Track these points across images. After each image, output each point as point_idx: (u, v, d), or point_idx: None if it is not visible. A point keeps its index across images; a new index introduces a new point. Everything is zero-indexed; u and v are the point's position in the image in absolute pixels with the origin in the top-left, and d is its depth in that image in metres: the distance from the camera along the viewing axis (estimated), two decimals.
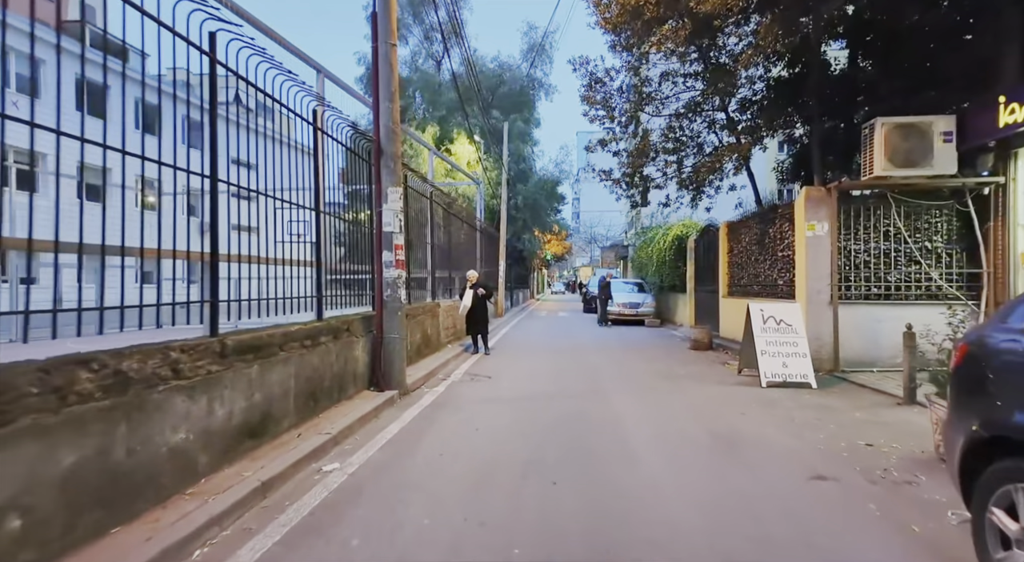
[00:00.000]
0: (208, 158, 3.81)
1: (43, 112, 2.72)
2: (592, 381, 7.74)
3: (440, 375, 8.07)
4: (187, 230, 3.82)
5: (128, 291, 3.17)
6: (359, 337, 6.19)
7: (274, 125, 4.93)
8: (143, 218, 3.45)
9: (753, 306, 8.00)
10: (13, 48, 2.81)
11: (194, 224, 3.85)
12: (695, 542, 2.94)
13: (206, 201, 3.82)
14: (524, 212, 25.06)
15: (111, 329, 3.25)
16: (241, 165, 4.30)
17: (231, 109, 4.28)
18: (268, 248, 4.84)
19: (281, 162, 5.02)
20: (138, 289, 3.44)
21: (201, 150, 3.79)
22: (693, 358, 10.23)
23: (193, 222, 3.84)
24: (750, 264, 11.19)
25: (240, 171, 4.30)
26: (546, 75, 26.00)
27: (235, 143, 4.25)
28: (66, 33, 3.18)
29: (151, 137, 3.52)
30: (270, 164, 4.84)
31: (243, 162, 4.34)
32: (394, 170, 6.59)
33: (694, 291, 15.94)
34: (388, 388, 6.39)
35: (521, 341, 13.08)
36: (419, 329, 8.82)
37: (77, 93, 4.21)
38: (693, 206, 13.63)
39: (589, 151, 12.95)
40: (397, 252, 6.56)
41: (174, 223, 3.55)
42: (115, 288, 3.20)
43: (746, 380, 7.83)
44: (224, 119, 4.06)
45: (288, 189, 5.07)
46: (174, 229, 3.54)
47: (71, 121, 2.84)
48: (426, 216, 10.23)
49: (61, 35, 2.86)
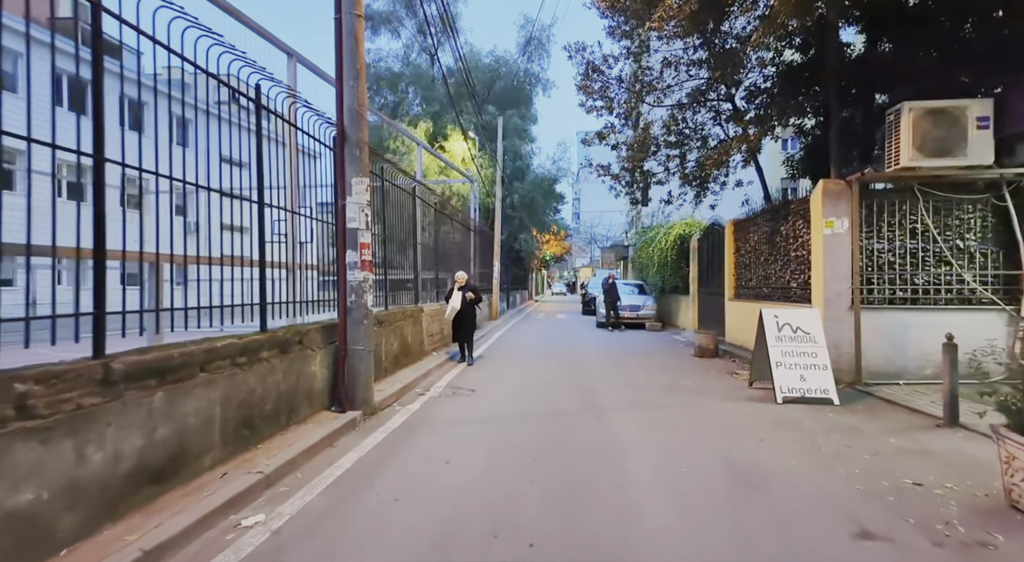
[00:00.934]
0: (92, 128, 2.99)
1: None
2: (587, 395, 6.92)
3: (418, 389, 7.26)
4: (77, 221, 3.04)
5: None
6: (317, 350, 5.38)
7: (208, 102, 4.12)
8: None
9: (766, 312, 7.18)
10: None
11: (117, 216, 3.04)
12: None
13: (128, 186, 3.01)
14: (521, 211, 24.22)
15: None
16: (168, 144, 3.49)
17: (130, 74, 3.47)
18: (205, 245, 4.05)
19: (220, 145, 4.22)
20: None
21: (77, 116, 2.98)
22: (699, 367, 9.42)
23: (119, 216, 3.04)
24: (759, 265, 10.38)
25: (164, 151, 3.49)
26: (543, 70, 25.26)
27: (146, 119, 3.44)
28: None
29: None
30: (197, 145, 4.03)
31: (174, 144, 3.54)
32: (359, 158, 5.77)
33: (697, 293, 15.13)
34: (352, 408, 5.58)
35: (514, 346, 12.27)
36: (397, 336, 8.01)
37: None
38: (696, 203, 12.81)
39: (586, 144, 12.14)
40: (363, 252, 5.75)
41: (53, 211, 2.76)
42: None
43: (759, 394, 7.02)
44: (118, 77, 3.25)
45: (264, 187, 4.26)
46: (54, 219, 2.75)
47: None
48: (410, 213, 9.43)
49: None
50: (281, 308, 5.39)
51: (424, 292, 10.48)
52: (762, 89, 10.59)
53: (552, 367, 9.24)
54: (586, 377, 8.26)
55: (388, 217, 8.14)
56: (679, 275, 16.40)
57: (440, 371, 8.61)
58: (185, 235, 3.90)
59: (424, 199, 10.76)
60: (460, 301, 8.94)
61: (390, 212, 8.36)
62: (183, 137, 4.25)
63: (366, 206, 5.79)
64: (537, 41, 24.25)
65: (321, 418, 5.23)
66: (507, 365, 9.45)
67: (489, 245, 19.67)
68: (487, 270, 19.27)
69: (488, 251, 19.66)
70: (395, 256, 9.02)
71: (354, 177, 5.73)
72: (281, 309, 5.37)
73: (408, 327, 8.59)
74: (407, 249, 9.52)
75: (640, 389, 7.39)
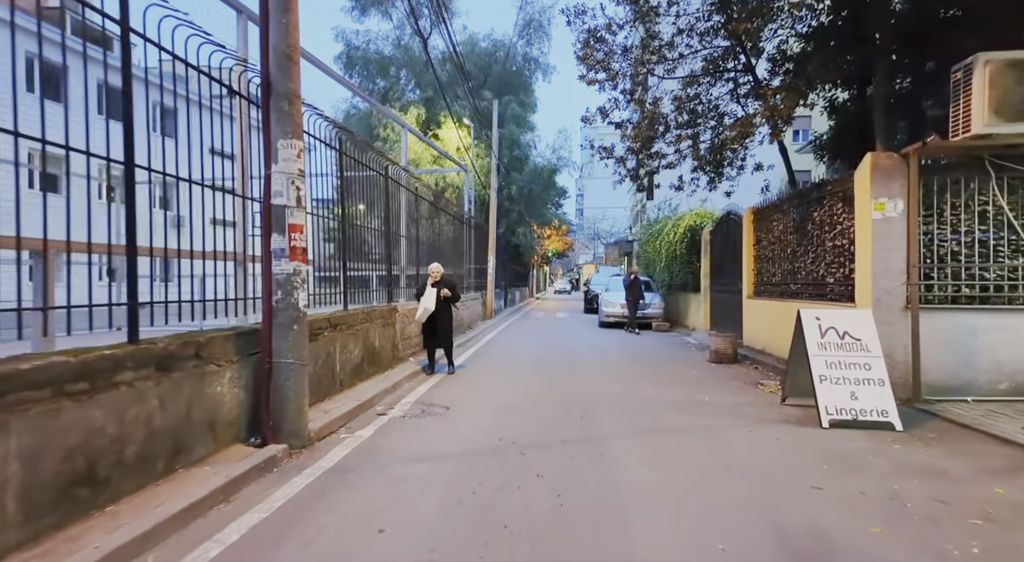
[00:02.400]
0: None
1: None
2: (585, 417, 5.61)
3: (379, 407, 5.96)
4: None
5: None
6: (226, 364, 4.08)
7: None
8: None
9: (806, 314, 5.84)
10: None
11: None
12: None
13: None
14: (519, 203, 22.85)
15: None
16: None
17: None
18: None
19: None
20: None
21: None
22: (716, 376, 8.09)
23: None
24: (784, 258, 9.04)
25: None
26: (543, 54, 23.82)
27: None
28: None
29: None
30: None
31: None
32: (290, 114, 4.47)
33: (709, 290, 13.80)
34: (277, 440, 4.29)
35: (506, 351, 10.96)
36: (359, 342, 6.71)
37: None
38: (711, 188, 11.46)
39: (587, 123, 10.80)
40: (294, 236, 4.45)
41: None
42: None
43: (797, 415, 5.70)
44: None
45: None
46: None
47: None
48: (382, 197, 8.12)
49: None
50: (225, 306, 4.11)
51: (409, 289, 9.19)
52: (789, 56, 9.20)
53: (546, 377, 7.92)
54: (585, 391, 6.94)
55: (353, 200, 6.85)
56: (689, 271, 15.06)
57: (412, 383, 7.31)
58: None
59: (401, 182, 9.47)
60: (434, 299, 7.62)
61: (357, 193, 7.06)
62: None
63: (297, 177, 4.49)
64: (536, 23, 22.87)
65: (228, 456, 3.94)
66: (494, 375, 8.13)
67: (485, 239, 18.35)
68: (482, 266, 17.97)
69: (483, 245, 18.34)
70: (371, 247, 7.72)
71: (281, 139, 4.42)
72: (225, 307, 4.09)
73: (376, 330, 7.29)
74: (382, 239, 8.22)
75: (650, 407, 6.07)
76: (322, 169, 6.09)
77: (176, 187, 4.04)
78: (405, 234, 10.39)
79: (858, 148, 8.04)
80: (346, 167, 6.69)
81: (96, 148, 3.20)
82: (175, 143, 3.94)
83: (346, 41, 21.86)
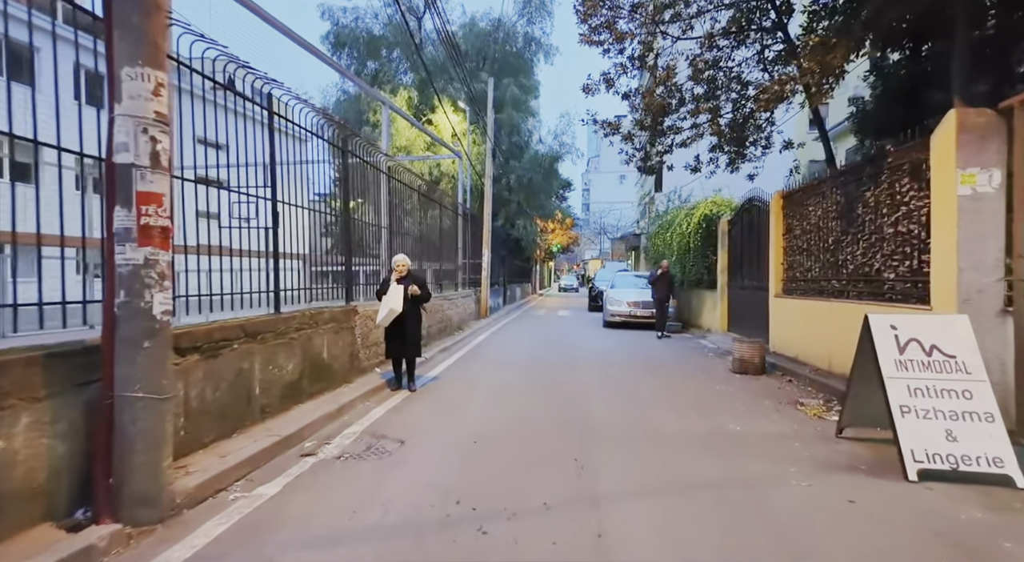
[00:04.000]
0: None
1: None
2: (580, 460, 4.17)
3: (308, 443, 4.53)
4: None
5: None
6: (22, 404, 2.67)
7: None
8: None
9: (878, 321, 4.37)
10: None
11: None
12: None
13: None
14: (518, 193, 21.32)
15: None
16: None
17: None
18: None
19: None
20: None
21: None
22: (744, 392, 6.64)
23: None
24: (824, 249, 7.55)
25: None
26: (545, 34, 22.21)
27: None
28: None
29: None
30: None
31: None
32: (143, 31, 3.03)
33: (727, 287, 12.31)
34: (113, 514, 2.88)
35: (493, 357, 9.53)
36: (296, 354, 5.30)
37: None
38: (732, 169, 9.99)
39: (588, 92, 9.27)
40: (147, 209, 3.02)
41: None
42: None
43: (863, 455, 4.26)
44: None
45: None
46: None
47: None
48: (344, 175, 6.71)
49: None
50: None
51: (357, 287, 7.75)
52: (833, 8, 7.64)
53: (537, 393, 6.49)
54: (583, 415, 5.50)
55: (288, 174, 5.44)
56: (704, 265, 13.55)
57: (370, 403, 5.89)
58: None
59: (380, 167, 8.08)
60: (401, 299, 6.19)
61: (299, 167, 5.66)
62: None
63: (154, 123, 3.05)
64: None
65: (15, 551, 2.53)
66: (474, 390, 6.70)
67: (480, 231, 16.87)
68: (477, 260, 16.53)
69: (480, 238, 16.87)
70: (337, 238, 6.32)
71: (127, 66, 2.99)
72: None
73: (324, 337, 5.87)
74: (344, 227, 6.80)
75: (667, 443, 4.62)
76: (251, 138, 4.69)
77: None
78: (388, 225, 9.07)
79: (911, 119, 6.52)
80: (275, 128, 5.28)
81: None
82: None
83: (333, 20, 20.38)
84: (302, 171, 5.90)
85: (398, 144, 19.41)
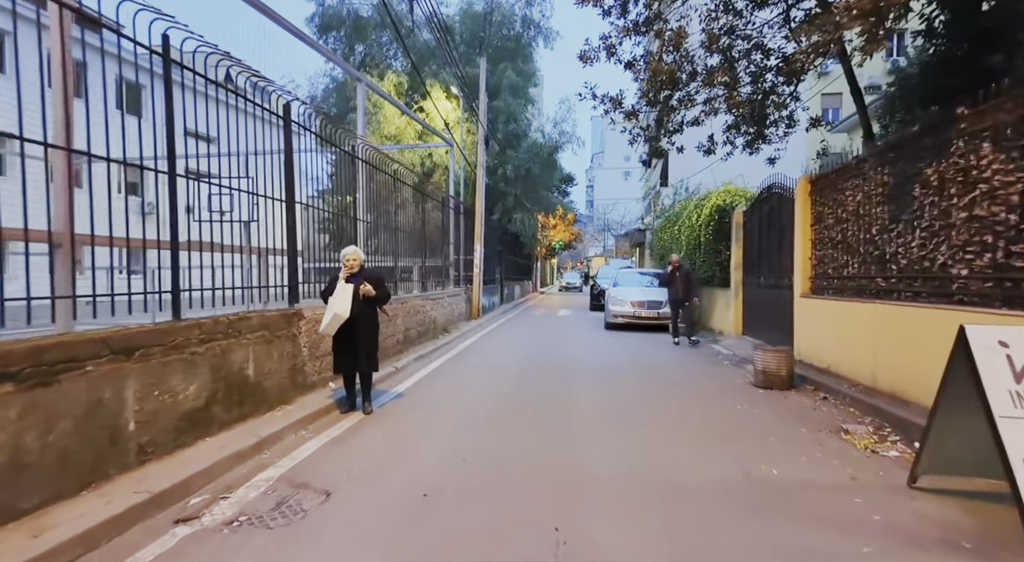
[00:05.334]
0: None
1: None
2: (564, 530, 2.97)
3: (196, 498, 3.35)
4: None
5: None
6: None
7: None
8: None
9: (978, 335, 3.13)
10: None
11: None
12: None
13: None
14: (515, 185, 20.05)
15: None
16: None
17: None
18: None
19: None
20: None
21: None
22: (774, 417, 5.42)
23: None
24: (866, 240, 6.33)
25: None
26: (545, 17, 20.93)
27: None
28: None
29: None
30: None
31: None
32: None
33: (742, 285, 11.09)
34: None
35: (477, 367, 8.34)
36: (203, 373, 4.11)
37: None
38: (751, 151, 8.75)
39: (585, 62, 7.98)
40: None
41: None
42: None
43: (955, 519, 3.05)
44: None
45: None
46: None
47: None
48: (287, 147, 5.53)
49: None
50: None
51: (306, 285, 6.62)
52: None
53: (518, 419, 5.29)
54: (575, 452, 4.30)
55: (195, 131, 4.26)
56: (716, 261, 12.31)
57: (305, 432, 4.71)
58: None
59: (356, 154, 6.95)
60: (349, 301, 5.00)
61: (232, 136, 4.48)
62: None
63: None
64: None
65: None
66: (438, 415, 5.50)
67: (474, 226, 15.62)
68: (470, 257, 15.32)
69: (473, 233, 15.64)
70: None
71: None
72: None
73: (249, 350, 4.69)
74: (288, 212, 5.62)
75: (683, 501, 3.40)
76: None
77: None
78: (364, 218, 7.96)
79: (966, 90, 5.22)
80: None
81: None
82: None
83: (319, 0, 19.18)
84: (237, 142, 4.71)
85: (386, 132, 18.21)
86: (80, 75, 4.03)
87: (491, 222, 19.12)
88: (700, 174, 19.53)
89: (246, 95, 4.86)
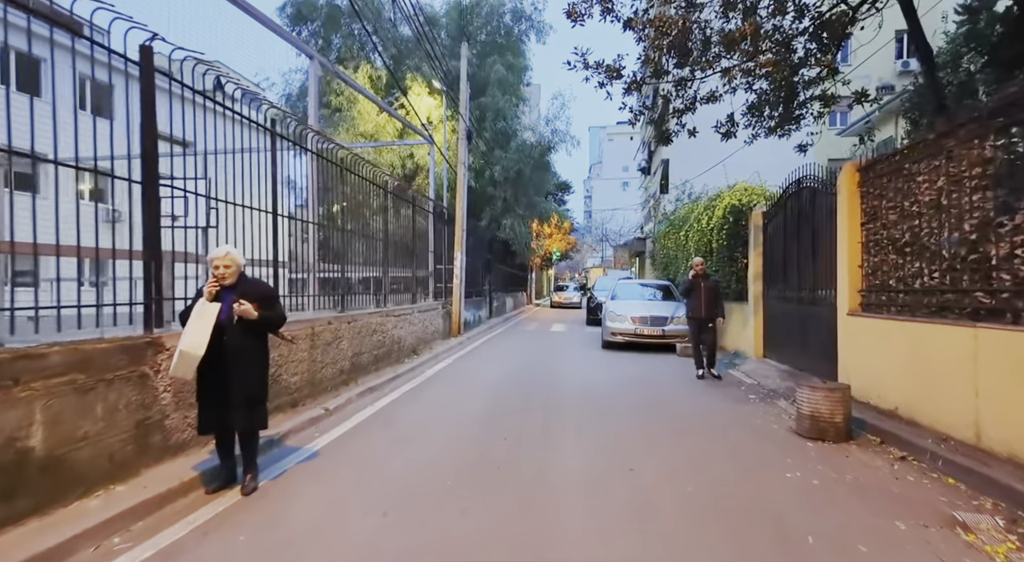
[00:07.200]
0: None
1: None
2: None
3: None
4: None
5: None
6: None
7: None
8: None
9: None
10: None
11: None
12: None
13: None
14: (505, 188, 18.37)
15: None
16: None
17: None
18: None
19: None
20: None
21: None
22: (841, 490, 3.71)
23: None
24: (952, 241, 4.66)
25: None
26: (538, 10, 19.43)
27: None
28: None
29: None
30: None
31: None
32: None
33: (763, 298, 9.41)
34: None
35: (435, 405, 6.63)
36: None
37: None
38: (779, 134, 7.14)
39: (573, 18, 6.27)
40: None
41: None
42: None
43: None
44: None
45: None
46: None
47: None
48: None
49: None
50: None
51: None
52: None
53: (479, 494, 3.57)
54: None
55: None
56: (731, 270, 10.63)
57: (117, 539, 2.99)
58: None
59: (305, 144, 5.35)
60: (209, 328, 3.31)
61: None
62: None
63: None
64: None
65: None
66: (358, 491, 3.78)
67: (466, 234, 13.91)
68: (450, 266, 13.64)
69: (467, 243, 13.94)
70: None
71: None
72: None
73: (35, 407, 2.98)
74: (146, 207, 3.94)
75: None
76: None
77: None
78: (317, 221, 6.48)
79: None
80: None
81: None
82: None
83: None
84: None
85: (362, 130, 16.63)
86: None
87: (478, 229, 17.46)
88: (702, 176, 17.96)
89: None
